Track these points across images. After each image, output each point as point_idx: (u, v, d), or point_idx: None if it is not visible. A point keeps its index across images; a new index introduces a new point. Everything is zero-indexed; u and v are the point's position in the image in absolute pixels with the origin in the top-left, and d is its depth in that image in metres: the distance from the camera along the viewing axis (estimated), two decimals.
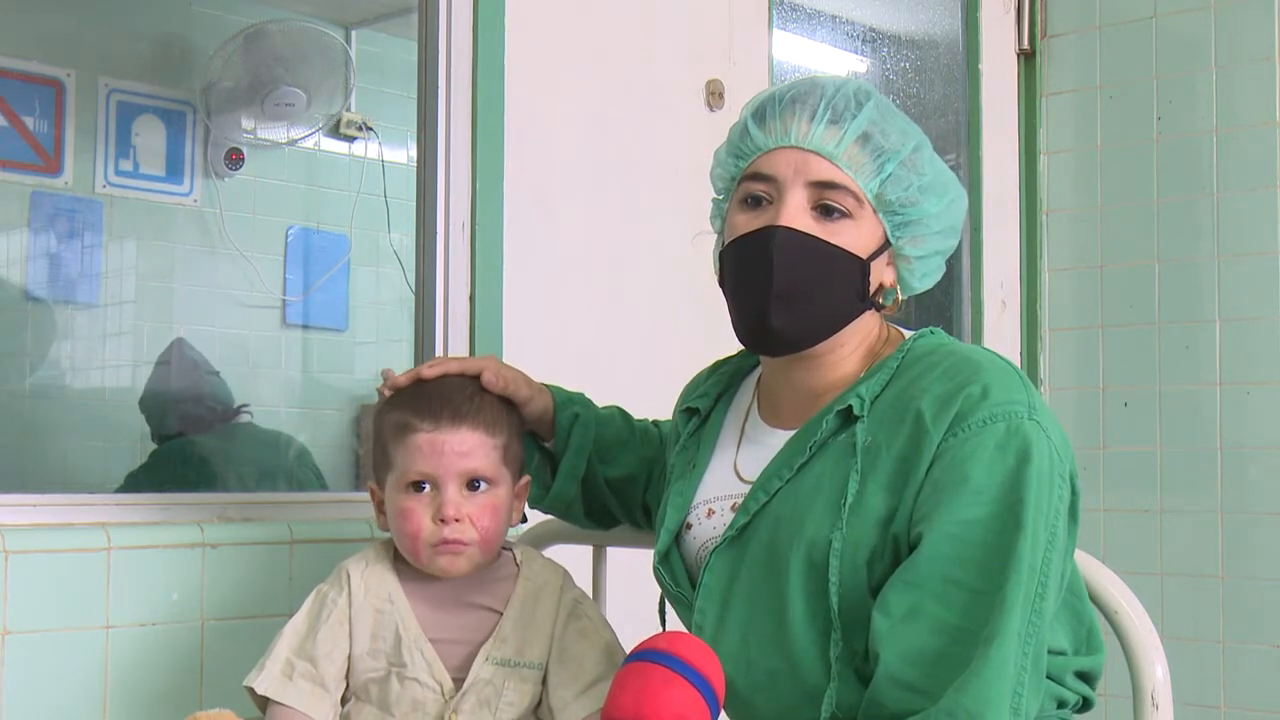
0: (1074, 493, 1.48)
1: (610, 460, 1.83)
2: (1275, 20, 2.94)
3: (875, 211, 1.53)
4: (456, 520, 1.56)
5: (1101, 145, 3.18)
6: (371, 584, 1.61)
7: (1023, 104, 3.28)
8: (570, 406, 1.80)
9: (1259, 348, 2.96)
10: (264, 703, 1.60)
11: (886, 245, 1.55)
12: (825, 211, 1.51)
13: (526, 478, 1.68)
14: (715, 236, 1.64)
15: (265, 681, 1.58)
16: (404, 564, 1.63)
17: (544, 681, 1.61)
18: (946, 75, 3.28)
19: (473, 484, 1.58)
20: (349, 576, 1.62)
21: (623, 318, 2.51)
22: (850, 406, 1.50)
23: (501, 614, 1.61)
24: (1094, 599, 1.63)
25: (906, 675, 1.39)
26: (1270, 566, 2.93)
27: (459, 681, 1.58)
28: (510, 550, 1.67)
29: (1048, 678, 1.50)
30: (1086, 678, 1.59)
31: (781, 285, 1.49)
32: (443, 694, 1.57)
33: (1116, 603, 1.63)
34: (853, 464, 1.47)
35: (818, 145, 1.51)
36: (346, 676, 1.61)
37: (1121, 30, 3.16)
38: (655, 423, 1.91)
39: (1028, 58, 3.28)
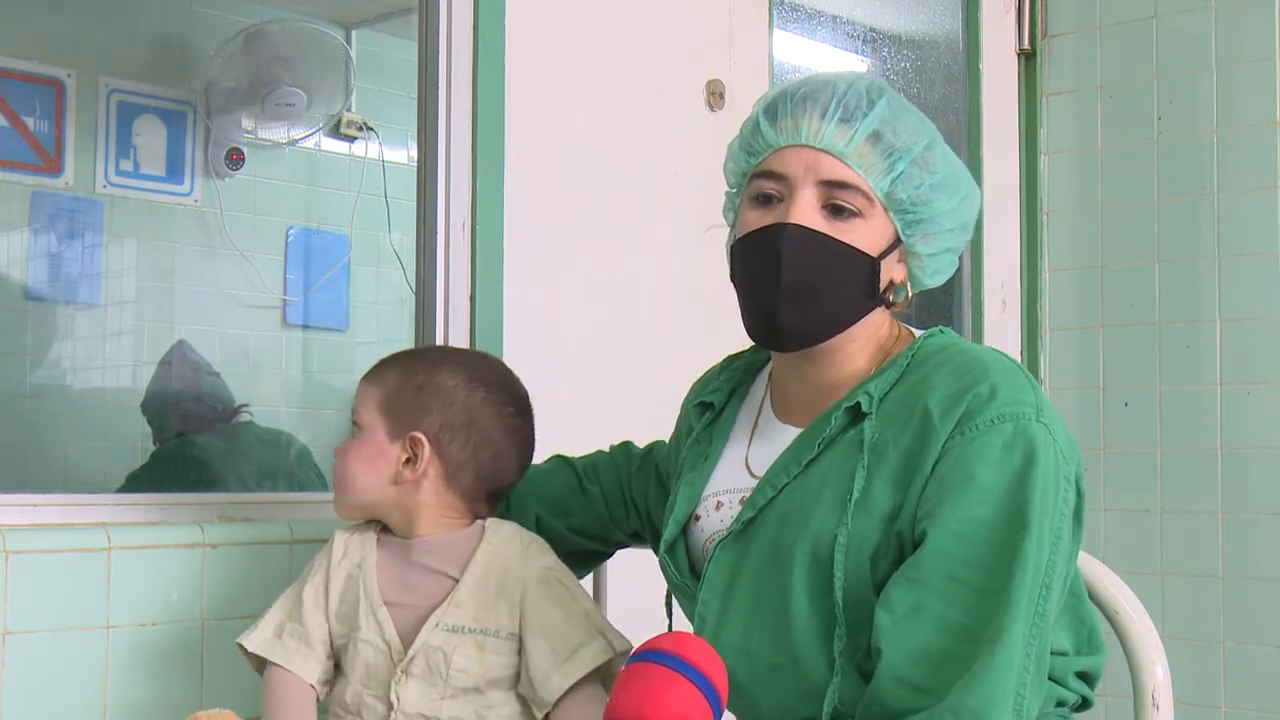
0: (1079, 495, 1.48)
1: (566, 511, 1.83)
2: (1275, 20, 2.94)
3: (886, 210, 1.53)
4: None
5: (1101, 145, 3.18)
6: (352, 548, 1.68)
7: (1023, 104, 3.28)
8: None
9: (1259, 348, 2.96)
10: (257, 662, 1.66)
11: (897, 243, 1.54)
12: (835, 211, 1.51)
13: (418, 434, 1.66)
14: (728, 230, 1.64)
15: (255, 640, 1.65)
16: (386, 532, 1.68)
17: (521, 654, 1.61)
18: (946, 75, 3.28)
19: (351, 430, 1.70)
20: (333, 540, 1.69)
21: (622, 317, 2.50)
22: (859, 403, 1.50)
23: (458, 580, 1.62)
24: (1094, 599, 1.63)
25: (909, 673, 1.39)
26: (1270, 566, 2.92)
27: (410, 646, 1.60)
28: (481, 521, 1.69)
29: (1049, 678, 1.50)
30: (1086, 678, 1.60)
31: (790, 282, 1.49)
32: (391, 656, 1.59)
33: (1117, 603, 1.63)
34: (859, 460, 1.47)
35: (828, 144, 1.51)
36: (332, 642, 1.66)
37: (1121, 30, 3.16)
38: (625, 446, 1.90)
39: (1028, 58, 3.28)
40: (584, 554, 1.86)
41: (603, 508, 1.84)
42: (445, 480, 1.66)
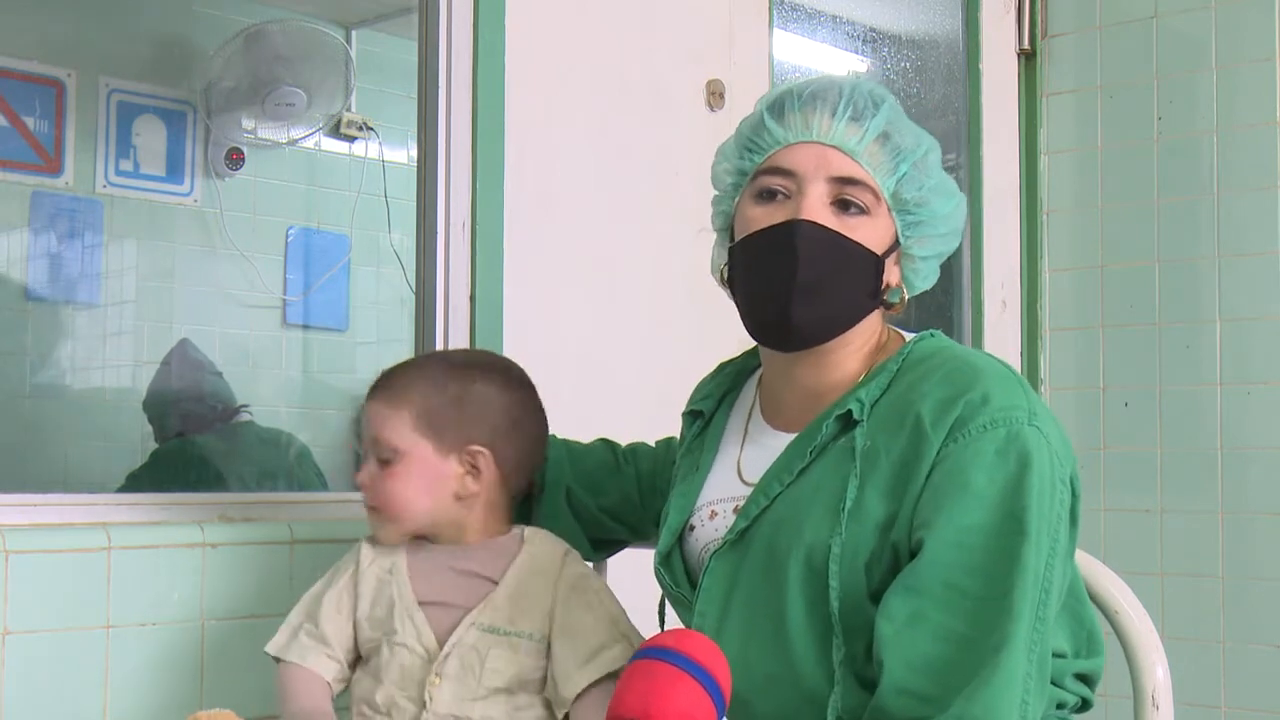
0: (1074, 496, 1.47)
1: (600, 489, 1.83)
2: (1275, 20, 2.94)
3: (890, 210, 1.53)
4: (365, 488, 1.66)
5: (1101, 145, 3.18)
6: (380, 554, 1.67)
7: (1023, 104, 3.28)
8: None
9: (1259, 348, 2.96)
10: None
11: (896, 244, 1.55)
12: (844, 207, 1.51)
13: (477, 447, 1.66)
14: (715, 235, 1.64)
15: (274, 644, 1.66)
16: (415, 539, 1.68)
17: (549, 657, 1.61)
18: (946, 75, 3.28)
19: (382, 456, 1.65)
20: (361, 546, 1.69)
21: (622, 317, 2.51)
22: (850, 411, 1.50)
23: (497, 583, 1.62)
24: (1094, 600, 1.63)
25: (912, 683, 1.38)
26: (1270, 566, 2.92)
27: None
28: (520, 528, 1.69)
29: None
30: (1086, 680, 1.59)
31: (805, 278, 1.49)
32: (428, 659, 1.59)
33: (1117, 603, 1.63)
34: (852, 468, 1.47)
35: (840, 141, 1.51)
36: (356, 646, 1.66)
37: (1121, 30, 3.16)
38: (669, 439, 1.90)
39: (1028, 58, 3.28)
40: (608, 540, 1.87)
41: (634, 491, 1.84)
42: (501, 484, 1.68)
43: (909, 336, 1.60)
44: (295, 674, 1.64)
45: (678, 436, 1.81)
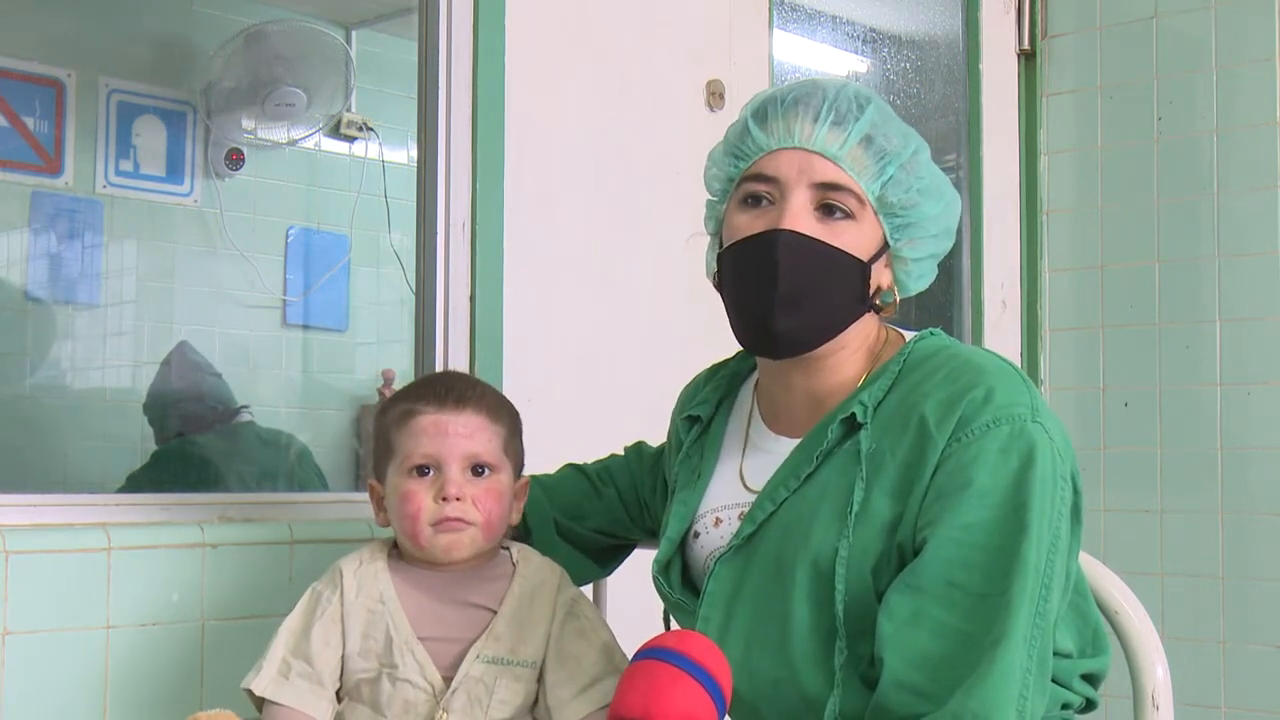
0: (1076, 492, 1.48)
1: (584, 516, 1.83)
2: (1275, 20, 2.94)
3: (876, 214, 1.52)
4: (458, 499, 1.58)
5: (1101, 145, 3.18)
6: (365, 583, 1.61)
7: (1023, 104, 3.28)
8: None
9: (1259, 348, 2.96)
10: (262, 704, 1.60)
11: (885, 248, 1.54)
12: (828, 212, 1.50)
13: (526, 478, 1.68)
14: (709, 239, 1.64)
15: (262, 682, 1.58)
16: (399, 562, 1.63)
17: (540, 680, 1.60)
18: (946, 75, 3.28)
19: (476, 469, 1.60)
20: (342, 574, 1.62)
21: (622, 317, 2.51)
22: (854, 414, 1.50)
23: (495, 612, 1.60)
24: (1095, 599, 1.63)
25: (911, 679, 1.39)
26: (1270, 566, 2.93)
27: (450, 680, 1.57)
28: (507, 549, 1.67)
29: (1053, 681, 1.50)
30: (1091, 679, 1.60)
31: (786, 288, 1.49)
32: (434, 694, 1.56)
33: (1117, 603, 1.63)
34: (858, 471, 1.47)
35: (822, 146, 1.50)
36: (340, 676, 1.61)
37: (1121, 30, 3.16)
38: (638, 446, 1.89)
39: (1028, 58, 3.28)
40: (610, 550, 1.86)
41: (619, 508, 1.84)
42: None
43: (909, 335, 1.59)
44: (289, 718, 1.57)
45: (666, 440, 1.81)
